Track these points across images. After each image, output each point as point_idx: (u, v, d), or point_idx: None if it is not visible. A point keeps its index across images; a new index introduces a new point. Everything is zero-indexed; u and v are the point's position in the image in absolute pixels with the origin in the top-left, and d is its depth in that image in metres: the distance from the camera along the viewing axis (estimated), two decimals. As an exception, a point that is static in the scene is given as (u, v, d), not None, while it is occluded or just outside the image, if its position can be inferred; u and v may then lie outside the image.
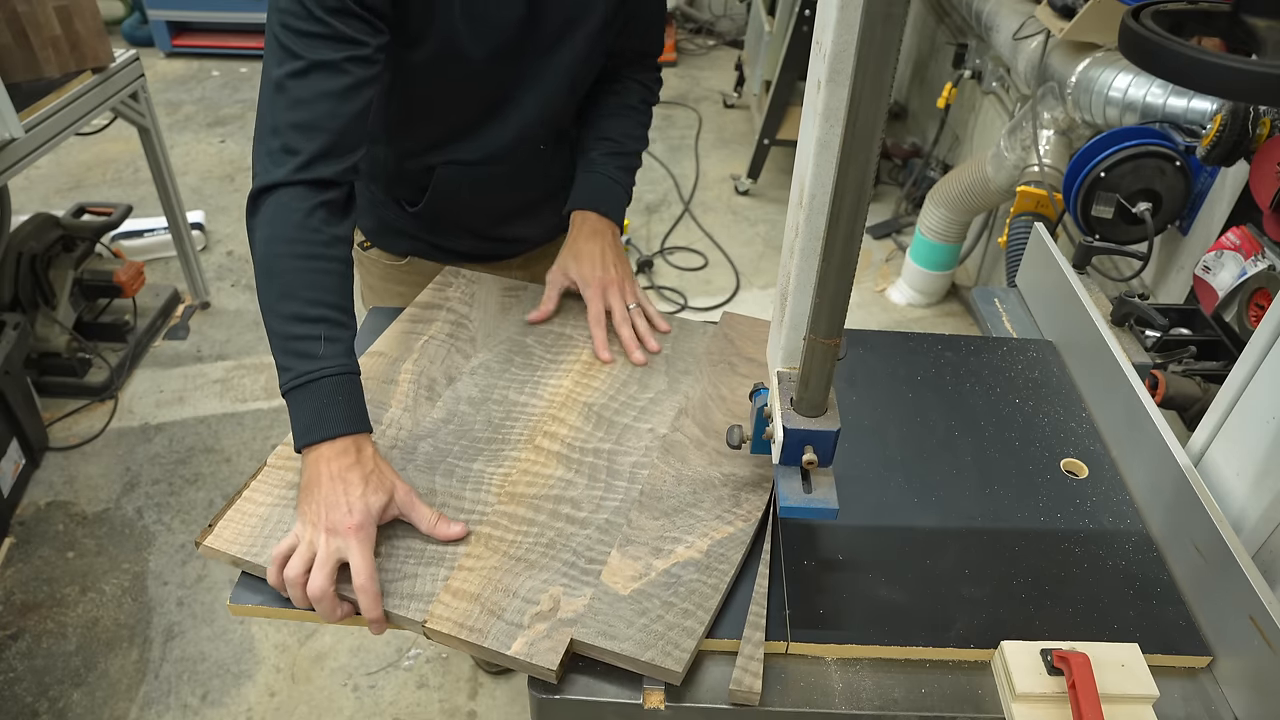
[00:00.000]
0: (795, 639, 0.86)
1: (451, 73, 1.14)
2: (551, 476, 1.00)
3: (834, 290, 0.72)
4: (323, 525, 0.86)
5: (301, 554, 0.85)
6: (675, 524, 0.95)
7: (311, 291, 0.95)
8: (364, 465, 0.90)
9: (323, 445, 0.90)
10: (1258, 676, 0.82)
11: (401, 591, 0.87)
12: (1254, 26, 0.81)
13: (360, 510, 0.86)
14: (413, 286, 1.41)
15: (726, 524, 0.94)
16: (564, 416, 1.09)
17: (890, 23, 0.59)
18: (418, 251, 1.41)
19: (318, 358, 0.92)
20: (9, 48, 2.21)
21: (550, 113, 1.25)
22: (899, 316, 3.32)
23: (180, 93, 4.81)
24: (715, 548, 0.92)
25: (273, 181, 0.96)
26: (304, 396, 0.92)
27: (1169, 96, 1.92)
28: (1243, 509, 0.95)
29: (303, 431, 0.91)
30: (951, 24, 3.66)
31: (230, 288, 3.28)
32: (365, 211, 1.38)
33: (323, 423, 0.90)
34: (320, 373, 0.92)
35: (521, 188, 1.35)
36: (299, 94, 0.96)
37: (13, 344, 2.34)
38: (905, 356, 1.26)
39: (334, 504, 0.86)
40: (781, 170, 4.10)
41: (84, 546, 2.29)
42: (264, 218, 0.97)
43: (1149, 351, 1.40)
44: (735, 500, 0.97)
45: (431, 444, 1.05)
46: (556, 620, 0.84)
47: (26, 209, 2.93)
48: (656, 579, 0.88)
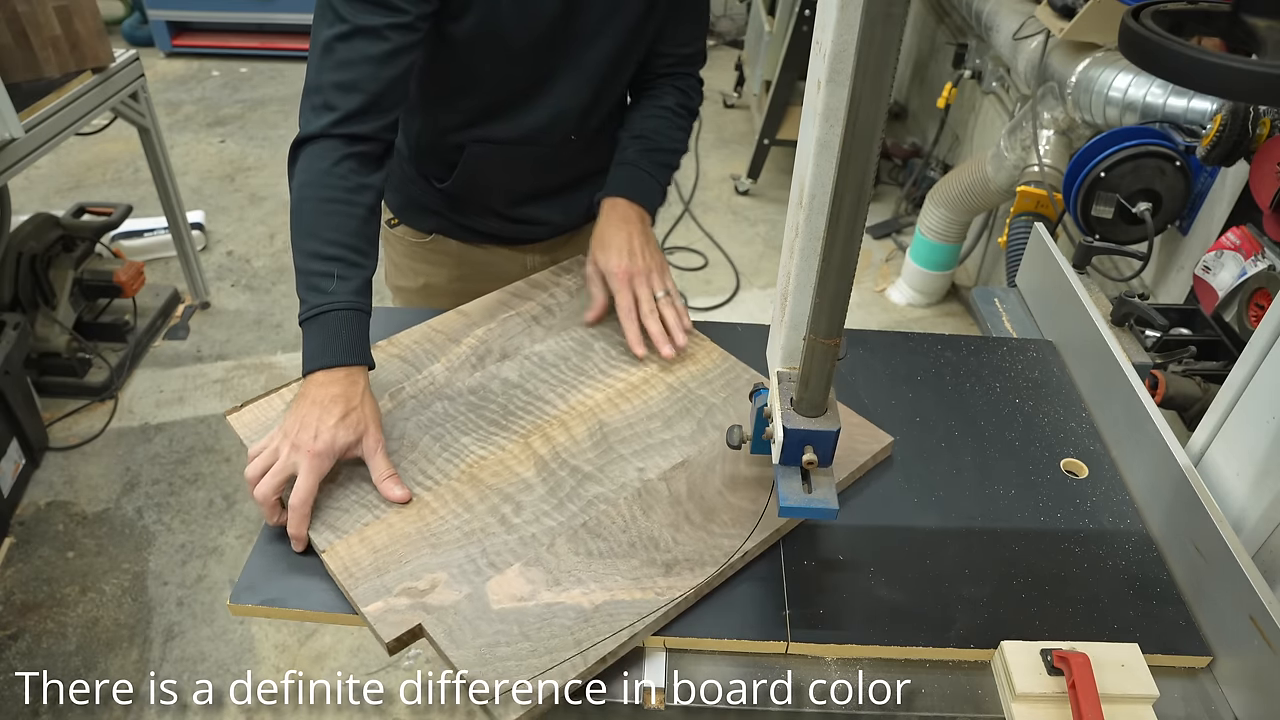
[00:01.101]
0: (795, 639, 0.86)
1: (489, 52, 1.16)
2: (518, 476, 1.00)
3: (834, 290, 0.72)
4: (290, 439, 0.93)
5: (264, 458, 0.93)
6: (590, 567, 0.89)
7: (331, 232, 1.02)
8: (349, 400, 0.96)
9: (320, 372, 0.97)
10: (1258, 676, 0.82)
11: (327, 519, 0.94)
12: (1254, 26, 0.81)
13: (326, 440, 0.92)
14: (435, 265, 1.45)
15: (639, 589, 0.87)
16: (572, 426, 1.07)
17: (890, 23, 0.59)
18: (442, 230, 1.43)
19: (329, 293, 0.99)
20: (9, 48, 2.21)
21: (583, 103, 1.26)
22: (899, 316, 3.32)
23: (180, 93, 4.81)
24: (609, 606, 0.85)
25: (310, 133, 1.05)
26: (313, 328, 0.99)
27: (1169, 96, 1.92)
28: (1243, 509, 0.95)
29: (307, 359, 0.99)
30: (951, 24, 3.66)
31: (230, 288, 3.28)
32: (394, 188, 1.42)
33: (324, 352, 0.98)
34: (328, 307, 0.99)
35: (548, 173, 1.36)
36: (342, 55, 1.04)
37: (13, 344, 2.33)
38: (905, 356, 1.26)
39: (307, 425, 0.93)
40: (781, 170, 4.10)
41: (84, 546, 2.29)
42: (299, 165, 1.06)
43: (1149, 351, 1.40)
44: (666, 571, 0.89)
45: (445, 406, 1.09)
46: (421, 602, 0.86)
47: (26, 209, 2.93)
48: (533, 608, 0.85)
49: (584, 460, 1.02)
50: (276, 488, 0.92)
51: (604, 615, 0.85)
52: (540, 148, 1.30)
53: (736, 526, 0.93)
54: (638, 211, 1.25)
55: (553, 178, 1.38)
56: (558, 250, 1.50)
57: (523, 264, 1.49)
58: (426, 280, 1.48)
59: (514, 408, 1.09)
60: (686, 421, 1.08)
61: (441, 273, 1.47)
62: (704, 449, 1.04)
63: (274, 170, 4.04)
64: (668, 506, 0.97)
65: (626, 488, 0.99)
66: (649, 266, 1.20)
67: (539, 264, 1.49)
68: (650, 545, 0.92)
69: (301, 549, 0.92)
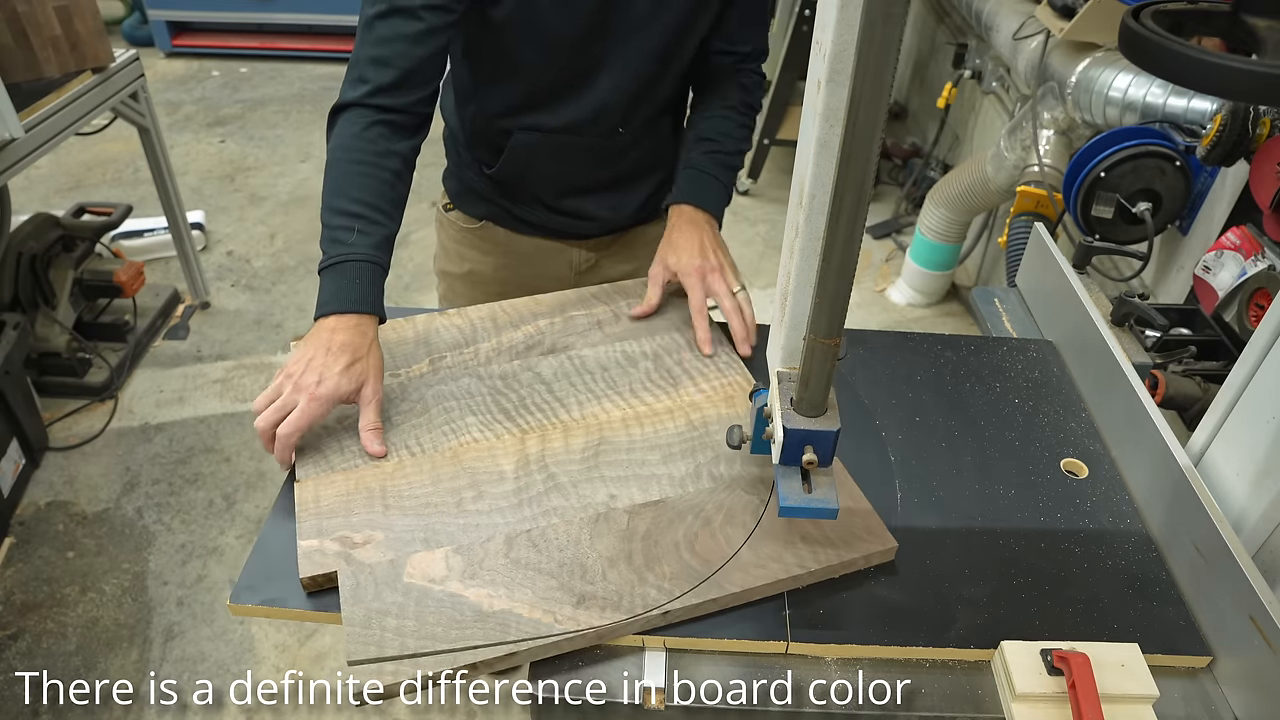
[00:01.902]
0: (795, 639, 0.86)
1: (529, 39, 1.19)
2: (496, 467, 1.01)
3: (834, 290, 0.72)
4: (295, 378, 0.98)
5: (269, 393, 0.99)
6: (509, 572, 0.88)
7: (355, 191, 1.07)
8: (356, 350, 1.01)
9: (331, 317, 1.02)
10: (1258, 676, 0.82)
11: (312, 453, 1.01)
12: (1254, 26, 0.81)
13: (329, 385, 0.98)
14: (483, 253, 1.48)
15: (540, 610, 0.85)
16: (573, 435, 1.06)
17: (890, 23, 0.59)
18: (493, 217, 1.46)
19: (348, 244, 1.05)
20: (9, 48, 2.21)
21: (627, 96, 1.27)
22: (899, 316, 3.31)
23: (180, 93, 4.81)
24: (505, 616, 0.84)
25: (345, 102, 1.11)
26: (329, 276, 1.04)
27: (1169, 96, 1.92)
28: (1243, 509, 0.95)
29: (320, 304, 1.03)
30: (951, 24, 3.66)
31: (230, 287, 3.28)
32: (451, 174, 1.48)
33: (337, 299, 1.03)
34: (345, 257, 1.04)
35: (595, 167, 1.37)
36: (380, 33, 1.10)
37: (13, 344, 2.33)
38: (905, 356, 1.26)
39: (313, 367, 0.98)
40: (781, 170, 4.10)
41: (84, 546, 2.29)
42: (334, 131, 1.12)
43: (1149, 351, 1.40)
44: (576, 602, 0.86)
45: (470, 384, 1.12)
46: (347, 553, 0.90)
47: (26, 209, 2.93)
48: (437, 593, 0.86)
49: (565, 470, 1.01)
50: (275, 423, 0.97)
51: (496, 623, 0.83)
52: (586, 139, 1.31)
53: (673, 583, 0.87)
54: (705, 216, 1.27)
55: (601, 172, 1.38)
56: (605, 249, 1.50)
57: (568, 260, 1.49)
58: (472, 267, 1.50)
59: (530, 403, 1.10)
60: (686, 462, 1.02)
61: (488, 260, 1.49)
62: (687, 495, 0.98)
63: (274, 170, 4.04)
64: (616, 539, 0.92)
65: (589, 509, 0.96)
66: (721, 263, 1.22)
67: (585, 261, 1.49)
68: (577, 572, 0.89)
69: (285, 470, 1.00)
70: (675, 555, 0.91)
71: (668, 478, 1.00)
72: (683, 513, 0.96)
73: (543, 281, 1.43)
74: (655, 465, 1.02)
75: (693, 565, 0.90)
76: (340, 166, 1.09)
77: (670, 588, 0.87)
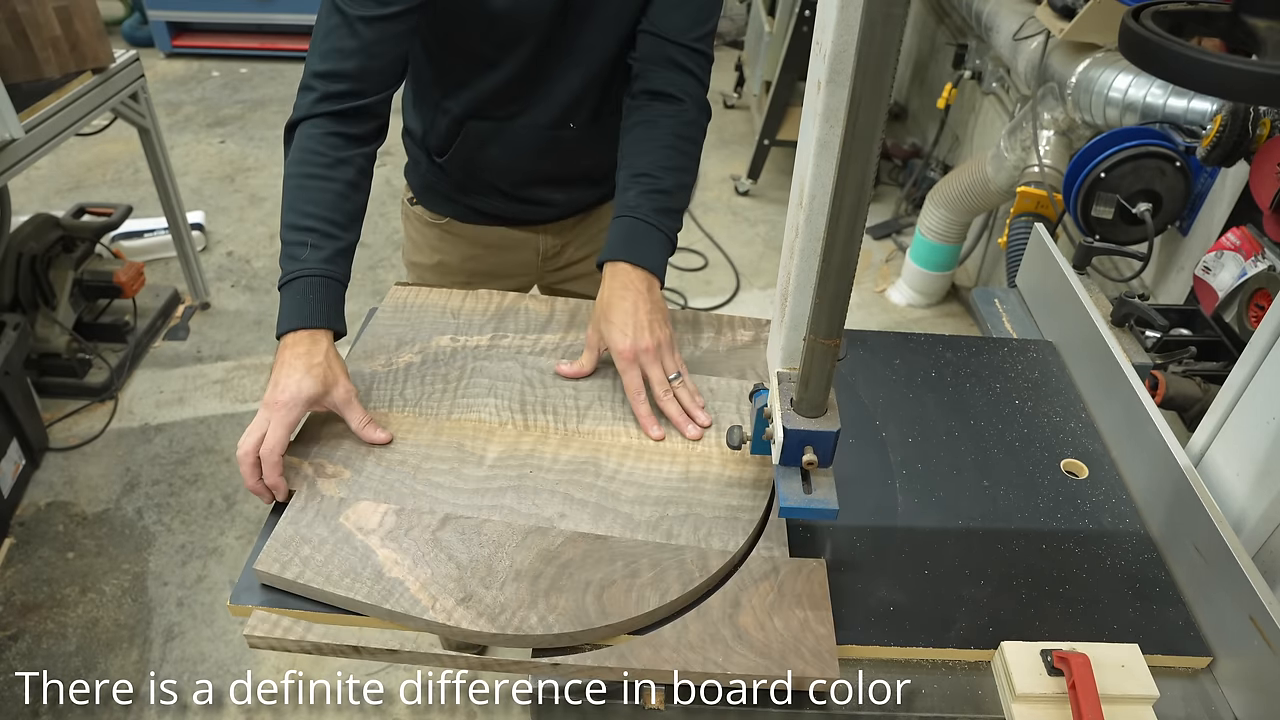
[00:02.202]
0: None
1: (471, 22, 1.18)
2: (483, 450, 1.03)
3: (834, 290, 0.72)
4: (265, 400, 0.99)
5: (251, 424, 0.99)
6: (425, 549, 0.90)
7: (307, 206, 1.08)
8: (312, 357, 1.01)
9: (288, 334, 1.03)
10: (1258, 676, 0.82)
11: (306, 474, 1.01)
12: (1254, 26, 0.81)
13: (290, 391, 0.98)
14: (450, 245, 1.49)
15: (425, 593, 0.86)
16: (569, 447, 1.05)
17: (890, 23, 0.59)
18: (454, 214, 1.46)
19: (301, 260, 1.05)
20: (9, 48, 2.21)
21: (573, 94, 1.27)
22: (899, 317, 3.31)
23: (180, 93, 4.81)
24: (395, 584, 0.86)
25: (295, 118, 1.13)
26: (286, 294, 1.05)
27: (1169, 97, 1.92)
28: (1243, 509, 0.95)
29: (280, 322, 1.04)
30: (951, 24, 3.66)
31: (230, 288, 3.28)
32: (411, 170, 1.48)
33: (291, 316, 1.03)
34: (298, 273, 1.05)
35: (547, 159, 1.36)
36: (323, 47, 1.12)
37: (13, 344, 2.33)
38: (905, 357, 1.26)
39: (275, 383, 1.00)
40: (781, 170, 4.10)
41: (84, 547, 2.29)
42: (289, 147, 1.13)
43: (1149, 352, 1.40)
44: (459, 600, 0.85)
45: (512, 367, 1.15)
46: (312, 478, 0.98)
47: (26, 209, 2.93)
48: (355, 539, 0.91)
49: (538, 476, 1.00)
50: (253, 446, 0.96)
51: (384, 588, 0.86)
52: (537, 130, 1.30)
53: (555, 617, 0.84)
54: (642, 275, 1.13)
55: (554, 165, 1.38)
56: (569, 232, 1.50)
57: (535, 246, 1.50)
58: (441, 258, 1.51)
59: (550, 405, 1.10)
60: (654, 510, 0.96)
61: (455, 252, 1.50)
62: (630, 545, 0.92)
63: (274, 170, 4.03)
64: (536, 557, 0.90)
65: (532, 518, 0.94)
66: (658, 342, 1.09)
67: (552, 246, 1.50)
68: (480, 572, 0.88)
69: (282, 498, 0.97)
70: (578, 594, 0.86)
71: (626, 518, 0.95)
72: (615, 556, 0.90)
73: (510, 268, 1.47)
74: (624, 502, 0.97)
75: (588, 611, 0.85)
76: (293, 182, 1.09)
77: (544, 623, 0.83)
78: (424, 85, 1.33)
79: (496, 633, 0.83)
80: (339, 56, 1.11)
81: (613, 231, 1.17)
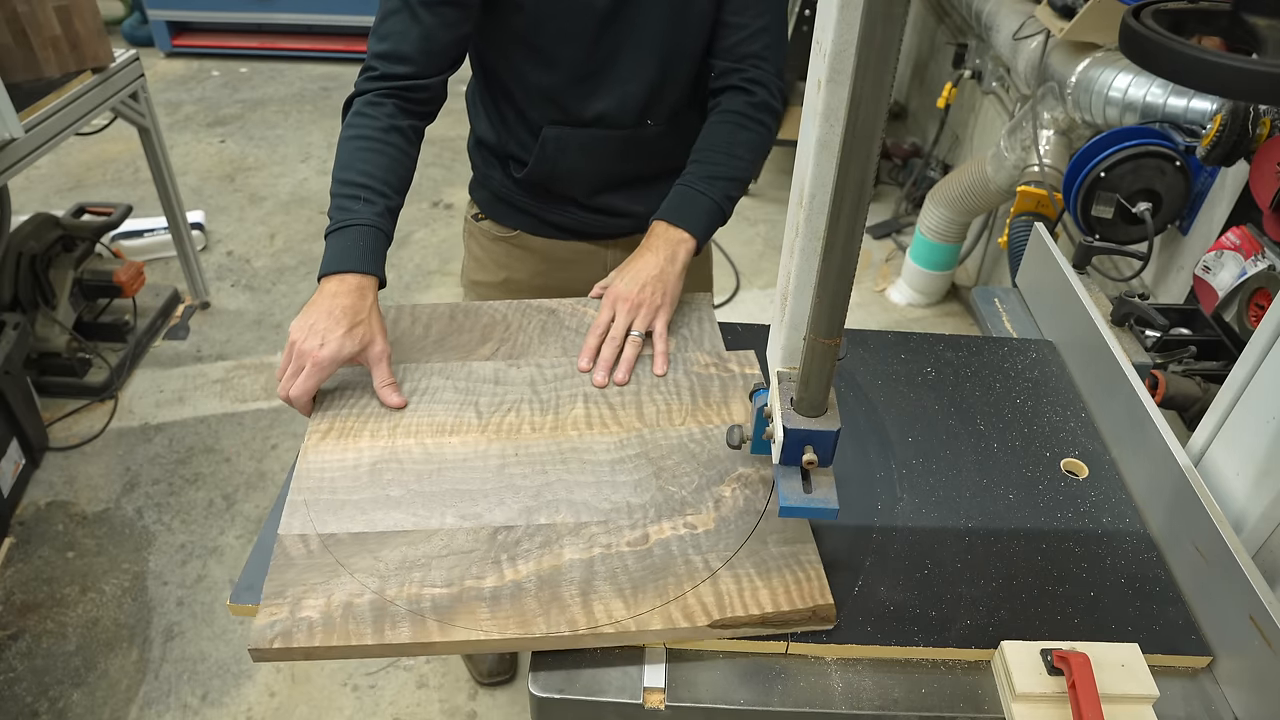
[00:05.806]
0: (795, 639, 0.86)
1: (548, 25, 1.21)
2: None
3: (834, 290, 0.72)
4: (300, 343, 1.03)
5: (282, 363, 1.06)
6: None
7: (361, 165, 1.13)
8: (356, 313, 1.05)
9: (333, 279, 1.06)
10: (1258, 676, 0.82)
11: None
12: (1254, 26, 0.81)
13: (331, 348, 1.02)
14: (518, 260, 1.49)
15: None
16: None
17: (890, 23, 0.59)
18: (525, 226, 1.46)
19: (353, 211, 1.10)
20: (9, 48, 2.21)
21: (649, 83, 1.27)
22: (899, 316, 3.31)
23: (180, 93, 4.81)
24: None
25: (355, 91, 1.19)
26: (333, 240, 1.09)
27: (1169, 96, 1.92)
28: (1243, 509, 0.95)
29: (323, 265, 1.08)
30: (951, 24, 3.66)
31: (230, 287, 3.28)
32: (479, 184, 1.50)
33: (340, 259, 1.07)
34: (350, 222, 1.09)
35: (627, 160, 1.37)
36: (384, 30, 1.17)
37: (13, 344, 2.33)
38: (905, 356, 1.26)
39: (315, 330, 1.03)
40: (781, 170, 4.10)
41: (84, 546, 2.29)
42: (345, 116, 1.19)
43: (1149, 351, 1.40)
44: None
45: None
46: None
47: (26, 209, 2.93)
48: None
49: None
50: (285, 387, 1.04)
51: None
52: (616, 131, 1.31)
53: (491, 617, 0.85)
54: (679, 235, 1.21)
55: (632, 166, 1.38)
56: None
57: (603, 261, 1.49)
58: (508, 275, 1.51)
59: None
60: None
61: (524, 268, 1.50)
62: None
63: (274, 170, 4.04)
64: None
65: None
66: (641, 302, 1.16)
67: (617, 261, 1.47)
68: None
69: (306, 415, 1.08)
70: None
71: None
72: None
73: (578, 285, 1.40)
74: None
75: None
76: (347, 145, 1.15)
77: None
78: (497, 93, 1.34)
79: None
80: (398, 39, 1.16)
81: (669, 195, 1.28)
